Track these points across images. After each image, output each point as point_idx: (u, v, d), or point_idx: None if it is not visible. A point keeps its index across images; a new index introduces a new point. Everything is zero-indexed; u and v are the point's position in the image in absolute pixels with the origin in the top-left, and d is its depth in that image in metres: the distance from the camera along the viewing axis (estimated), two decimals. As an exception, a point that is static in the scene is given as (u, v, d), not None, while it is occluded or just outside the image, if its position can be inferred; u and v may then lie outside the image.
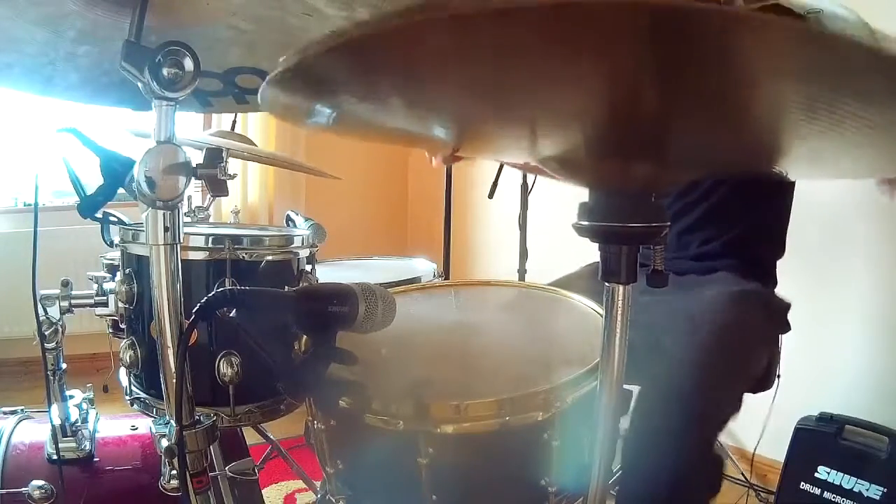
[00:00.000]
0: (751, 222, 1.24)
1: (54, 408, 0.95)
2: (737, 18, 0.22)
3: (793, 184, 1.28)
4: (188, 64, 0.63)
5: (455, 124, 0.48)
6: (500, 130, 0.48)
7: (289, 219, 1.19)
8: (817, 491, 1.52)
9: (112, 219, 1.00)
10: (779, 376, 1.22)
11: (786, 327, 1.19)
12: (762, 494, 1.79)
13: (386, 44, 0.28)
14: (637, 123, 0.37)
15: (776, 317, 1.17)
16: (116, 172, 0.65)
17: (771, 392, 1.25)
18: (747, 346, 1.06)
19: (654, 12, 0.22)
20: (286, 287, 0.86)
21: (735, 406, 1.03)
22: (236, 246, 0.90)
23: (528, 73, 0.30)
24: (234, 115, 2.01)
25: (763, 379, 1.21)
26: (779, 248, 1.31)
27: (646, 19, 0.23)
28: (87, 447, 0.96)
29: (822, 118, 0.31)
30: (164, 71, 0.62)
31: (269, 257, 0.94)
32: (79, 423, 0.97)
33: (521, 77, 0.31)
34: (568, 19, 0.24)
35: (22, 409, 1.07)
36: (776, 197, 1.28)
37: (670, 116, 0.35)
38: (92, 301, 0.97)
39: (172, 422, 0.67)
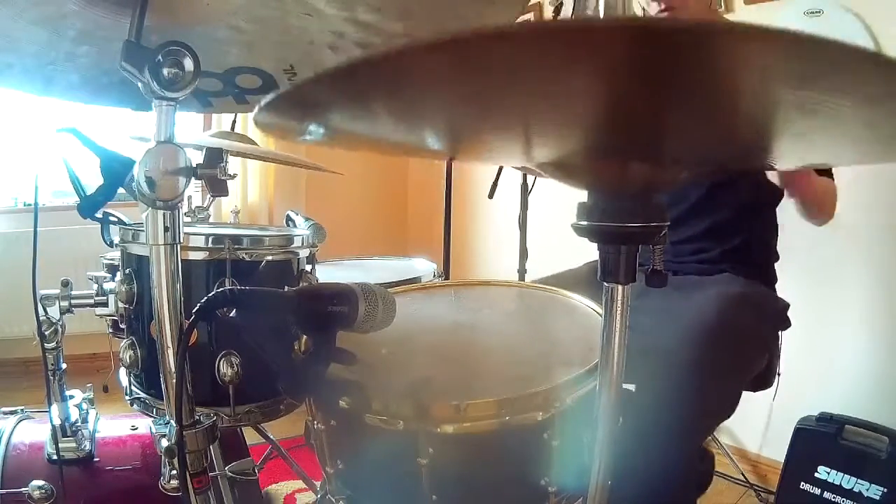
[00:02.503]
0: (746, 237, 1.26)
1: (54, 408, 0.95)
2: (713, 33, 0.22)
3: (778, 199, 1.30)
4: (188, 64, 0.63)
5: (449, 136, 0.48)
6: (495, 140, 0.48)
7: (289, 219, 1.19)
8: (817, 491, 1.52)
9: (112, 219, 1.00)
10: (779, 374, 1.22)
11: (785, 324, 1.19)
12: (762, 494, 1.79)
13: (376, 69, 0.28)
14: (633, 129, 0.37)
15: (774, 316, 1.18)
16: (116, 172, 0.65)
17: (771, 392, 1.25)
18: (743, 347, 1.06)
19: (637, 34, 0.23)
20: (286, 287, 0.86)
21: (731, 405, 1.03)
22: (236, 246, 0.90)
23: (522, 91, 0.30)
24: (234, 115, 2.01)
25: (763, 377, 1.21)
26: (774, 254, 1.33)
27: (630, 41, 0.23)
28: (87, 447, 0.96)
29: (817, 116, 0.31)
30: (164, 71, 0.62)
31: (269, 257, 0.95)
32: (79, 423, 0.98)
33: (515, 95, 0.31)
34: (558, 42, 0.24)
35: (22, 409, 1.07)
36: (768, 210, 1.30)
37: (665, 122, 0.35)
38: (92, 301, 0.97)
39: (172, 422, 0.67)
